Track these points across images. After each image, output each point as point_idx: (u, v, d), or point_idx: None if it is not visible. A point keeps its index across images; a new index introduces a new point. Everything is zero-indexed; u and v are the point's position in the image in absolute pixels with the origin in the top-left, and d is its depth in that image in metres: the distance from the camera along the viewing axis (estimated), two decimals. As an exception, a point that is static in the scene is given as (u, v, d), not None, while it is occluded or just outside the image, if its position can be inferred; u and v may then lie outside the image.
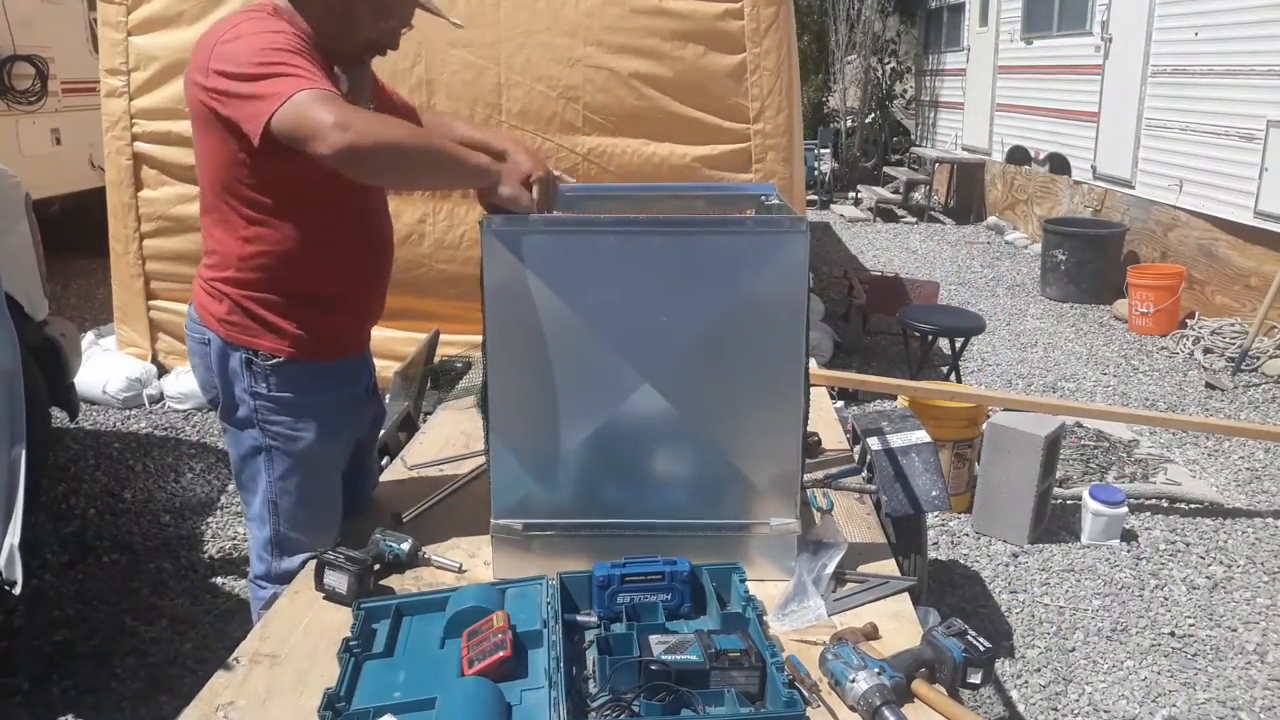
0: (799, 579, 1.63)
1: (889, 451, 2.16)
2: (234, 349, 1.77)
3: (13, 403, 2.49)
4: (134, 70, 4.60)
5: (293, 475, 1.83)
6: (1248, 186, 5.95)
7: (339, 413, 1.88)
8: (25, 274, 3.27)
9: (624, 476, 1.69)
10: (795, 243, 1.58)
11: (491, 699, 1.30)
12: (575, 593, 1.58)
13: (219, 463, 4.14)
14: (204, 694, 1.41)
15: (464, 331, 4.19)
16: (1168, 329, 6.25)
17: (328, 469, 1.89)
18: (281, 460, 1.82)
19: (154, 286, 4.86)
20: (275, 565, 1.89)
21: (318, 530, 1.87)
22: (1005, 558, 3.45)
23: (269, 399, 1.78)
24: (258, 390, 1.77)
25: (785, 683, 1.32)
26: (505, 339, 1.64)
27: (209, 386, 1.85)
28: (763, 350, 1.62)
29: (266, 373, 1.77)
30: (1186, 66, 6.77)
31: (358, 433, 2.00)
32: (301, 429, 1.81)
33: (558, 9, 4.42)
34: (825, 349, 5.42)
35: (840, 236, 9.84)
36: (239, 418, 1.81)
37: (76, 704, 2.58)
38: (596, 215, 1.87)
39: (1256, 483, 4.09)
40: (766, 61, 4.49)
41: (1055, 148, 9.16)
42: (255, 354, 1.76)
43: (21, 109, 6.56)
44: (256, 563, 1.93)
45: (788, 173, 4.60)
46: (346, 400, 1.91)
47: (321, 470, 1.88)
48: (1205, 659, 2.87)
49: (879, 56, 13.82)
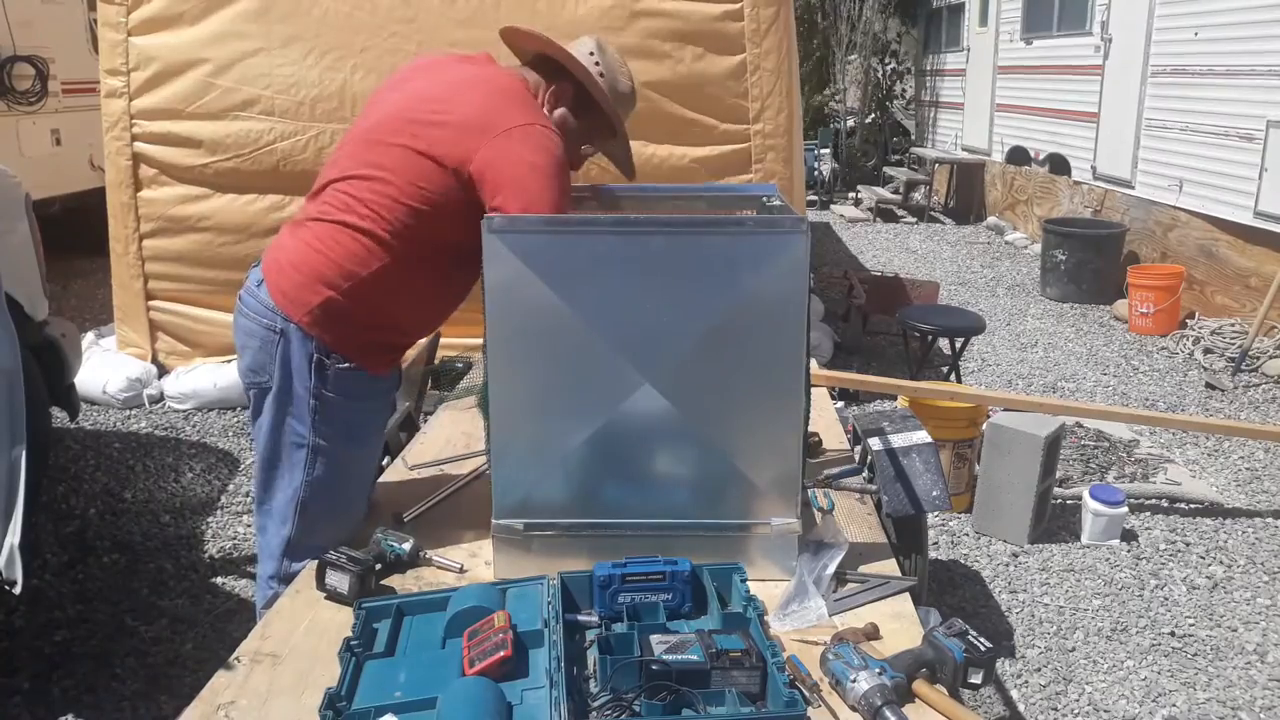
0: (800, 579, 1.63)
1: (889, 451, 2.16)
2: (311, 342, 1.78)
3: (13, 403, 2.49)
4: (134, 70, 4.61)
5: (329, 479, 1.86)
6: (1248, 187, 5.95)
7: (379, 425, 1.99)
8: (25, 274, 3.27)
9: (625, 476, 1.69)
10: (795, 243, 1.58)
11: (492, 699, 1.30)
12: (576, 592, 1.58)
13: (219, 463, 4.14)
14: (205, 694, 1.41)
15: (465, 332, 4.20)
16: (1168, 329, 6.25)
17: (359, 478, 1.95)
18: (323, 463, 1.84)
19: (154, 287, 4.86)
20: (289, 566, 1.89)
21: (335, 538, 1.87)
22: (1005, 558, 3.45)
23: (329, 401, 1.81)
24: (319, 390, 1.80)
25: (786, 683, 1.32)
26: (505, 339, 1.64)
27: (259, 371, 1.84)
28: (763, 350, 1.62)
29: (333, 375, 1.80)
30: (1186, 66, 6.77)
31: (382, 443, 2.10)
32: (354, 434, 1.87)
33: (558, 10, 4.42)
34: (825, 349, 5.42)
35: (840, 236, 9.85)
36: (289, 409, 1.82)
37: (76, 704, 2.58)
38: (596, 215, 1.88)
39: (1256, 483, 4.09)
40: (766, 62, 4.49)
41: (1055, 148, 9.16)
42: (328, 353, 1.79)
43: (22, 109, 6.56)
44: (268, 561, 1.93)
45: (788, 173, 4.60)
46: (387, 410, 2.02)
47: (354, 478, 1.93)
48: (1205, 659, 2.87)
49: (879, 57, 13.82)
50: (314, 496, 1.85)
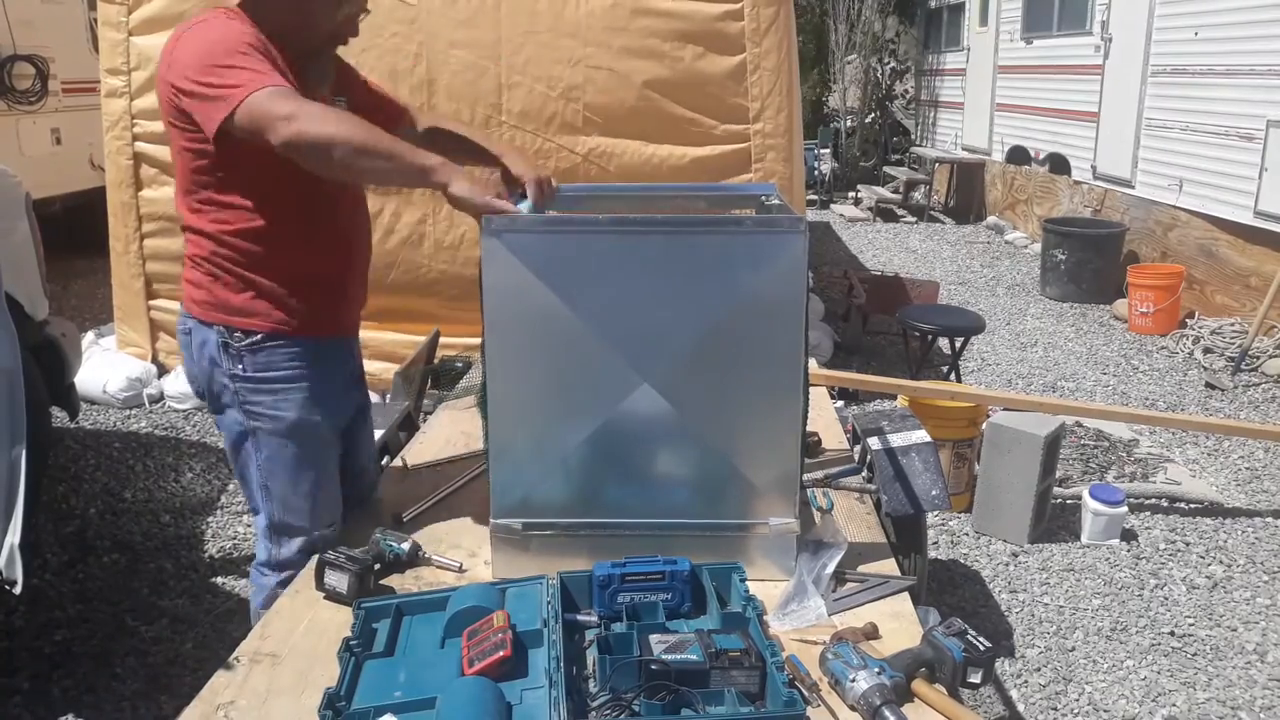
0: (799, 579, 1.63)
1: (889, 451, 2.16)
2: (209, 329, 1.81)
3: (13, 403, 2.49)
4: (135, 70, 4.61)
5: (279, 456, 1.86)
6: (1248, 186, 5.95)
7: (318, 392, 1.89)
8: (25, 274, 3.27)
9: (624, 476, 1.69)
10: (795, 243, 1.58)
11: (492, 698, 1.30)
12: (575, 592, 1.58)
13: (219, 463, 4.14)
14: (204, 693, 1.42)
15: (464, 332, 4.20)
16: (1168, 329, 6.25)
17: (315, 449, 1.90)
18: (266, 441, 1.85)
19: (154, 286, 4.86)
20: (275, 552, 1.91)
21: (314, 515, 1.89)
22: (1005, 557, 3.45)
23: (247, 379, 1.82)
24: (235, 372, 1.82)
25: (785, 682, 1.32)
26: (504, 339, 1.64)
27: (193, 379, 1.90)
28: (762, 350, 1.62)
29: (242, 353, 1.81)
30: (1186, 66, 6.76)
31: (341, 417, 1.99)
32: (282, 407, 1.84)
33: (559, 10, 4.42)
34: (825, 349, 5.42)
35: (840, 236, 9.84)
36: (222, 403, 1.86)
37: (76, 704, 2.58)
38: (596, 215, 1.88)
39: (1256, 482, 4.09)
40: (766, 62, 4.49)
41: (1055, 147, 9.16)
42: (230, 333, 1.80)
43: (22, 109, 6.56)
44: (259, 549, 1.96)
45: (788, 173, 4.60)
46: (325, 380, 1.91)
47: (309, 450, 1.89)
48: (1205, 658, 2.87)
49: (879, 56, 13.81)
50: (272, 478, 1.87)
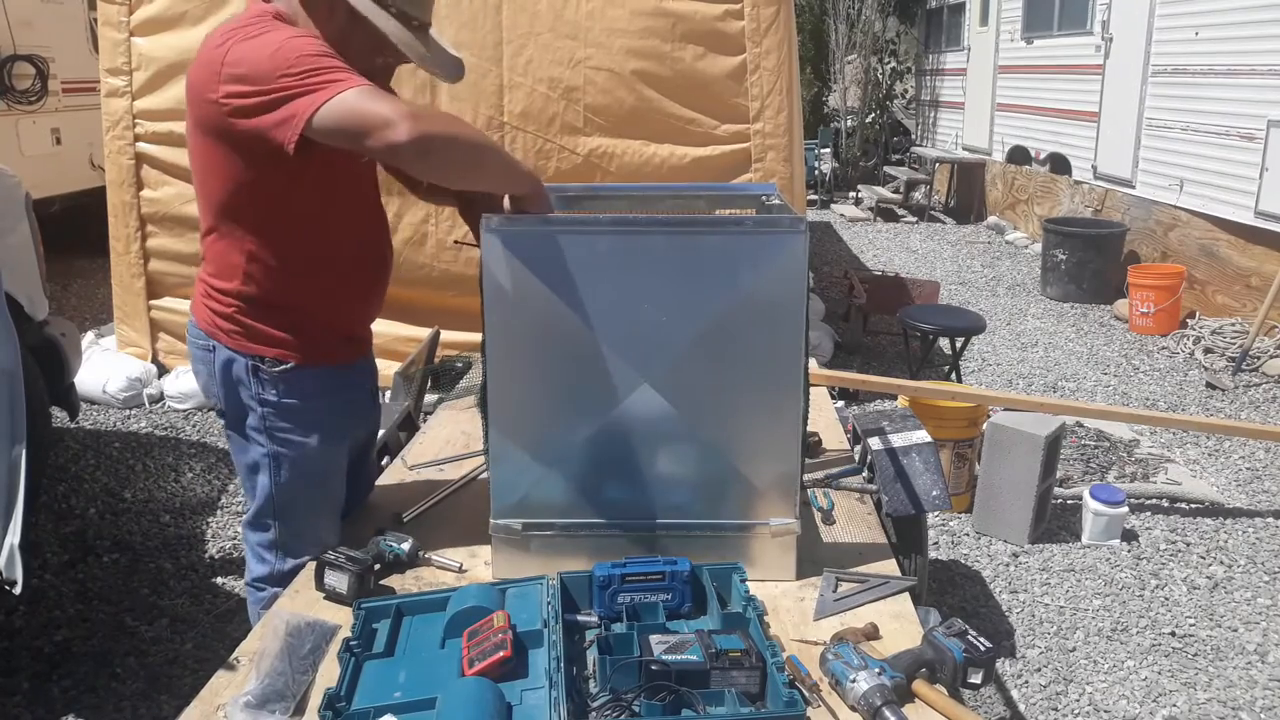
0: None
1: (889, 451, 2.16)
2: (240, 356, 1.76)
3: (13, 403, 2.49)
4: (136, 70, 4.61)
5: (298, 481, 1.83)
6: (1248, 186, 5.95)
7: (344, 417, 1.89)
8: (25, 274, 3.27)
9: (624, 476, 1.68)
10: (795, 243, 1.57)
11: (492, 699, 1.30)
12: (575, 592, 1.58)
13: (219, 463, 4.14)
14: (204, 694, 1.41)
15: (464, 332, 4.20)
16: (1168, 329, 6.25)
17: (332, 474, 1.90)
18: (288, 467, 1.81)
19: (154, 286, 4.87)
20: (278, 566, 1.88)
21: (320, 534, 1.86)
22: (1005, 558, 3.45)
23: (276, 406, 1.77)
24: (265, 397, 1.76)
25: (786, 683, 1.32)
26: (505, 339, 1.64)
27: (211, 392, 1.84)
28: (763, 350, 1.62)
29: (274, 379, 1.76)
30: (1187, 66, 6.76)
31: (361, 436, 2.01)
32: (309, 435, 1.80)
33: (559, 11, 4.42)
34: (825, 349, 5.42)
35: (840, 236, 9.84)
36: (246, 425, 1.80)
37: (76, 704, 2.58)
38: (596, 215, 1.87)
39: (1257, 482, 4.09)
40: (766, 61, 4.49)
41: (1056, 147, 9.16)
42: (262, 361, 1.75)
43: (22, 109, 6.56)
44: (256, 565, 1.91)
45: (788, 173, 4.60)
46: (352, 405, 1.92)
47: (327, 476, 1.88)
48: (1206, 659, 2.87)
49: (879, 56, 13.81)
50: (288, 501, 1.83)
